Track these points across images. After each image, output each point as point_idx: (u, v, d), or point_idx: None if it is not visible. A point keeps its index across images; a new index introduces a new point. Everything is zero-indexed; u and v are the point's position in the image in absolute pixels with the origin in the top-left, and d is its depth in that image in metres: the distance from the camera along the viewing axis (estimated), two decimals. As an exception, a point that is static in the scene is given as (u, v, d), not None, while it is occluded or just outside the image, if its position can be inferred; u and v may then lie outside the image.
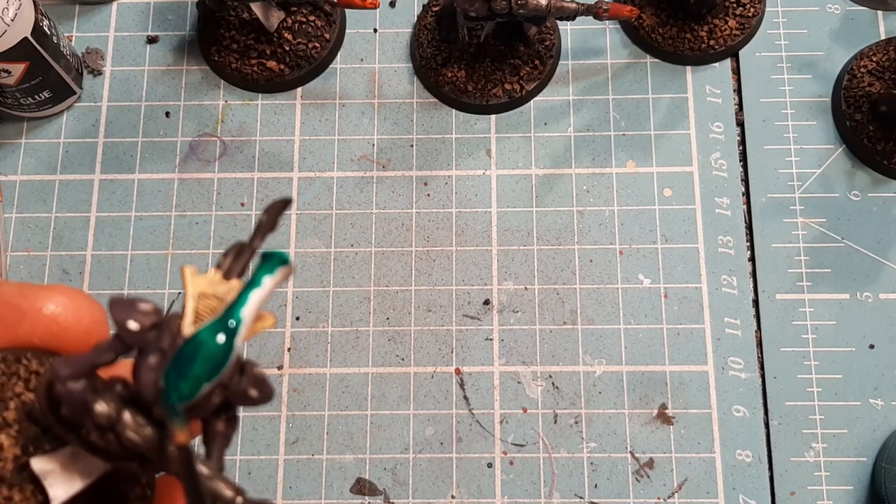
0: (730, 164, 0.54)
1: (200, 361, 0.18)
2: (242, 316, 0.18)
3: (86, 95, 0.56)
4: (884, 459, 0.47)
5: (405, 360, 0.51)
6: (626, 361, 0.50)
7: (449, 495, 0.49)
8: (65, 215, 0.54)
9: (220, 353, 0.18)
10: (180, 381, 0.18)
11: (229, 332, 0.18)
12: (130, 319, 0.19)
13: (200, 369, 0.18)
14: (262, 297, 0.19)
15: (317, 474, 0.49)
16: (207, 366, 0.18)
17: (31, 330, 0.21)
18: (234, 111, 0.56)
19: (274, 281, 0.19)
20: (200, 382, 0.18)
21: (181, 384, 0.18)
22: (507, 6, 0.48)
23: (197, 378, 0.18)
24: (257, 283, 0.19)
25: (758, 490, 0.48)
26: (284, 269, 0.19)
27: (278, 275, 0.19)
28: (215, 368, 0.18)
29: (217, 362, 0.18)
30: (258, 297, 0.19)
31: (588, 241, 0.52)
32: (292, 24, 0.55)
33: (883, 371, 0.50)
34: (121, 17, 0.58)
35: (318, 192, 0.54)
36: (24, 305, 0.21)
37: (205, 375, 0.18)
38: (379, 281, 0.52)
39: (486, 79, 0.54)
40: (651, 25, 0.55)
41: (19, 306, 0.21)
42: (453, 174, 0.54)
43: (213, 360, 0.18)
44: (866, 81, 0.53)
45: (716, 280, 0.51)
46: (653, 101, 0.55)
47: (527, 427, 0.50)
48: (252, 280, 0.19)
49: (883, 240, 0.52)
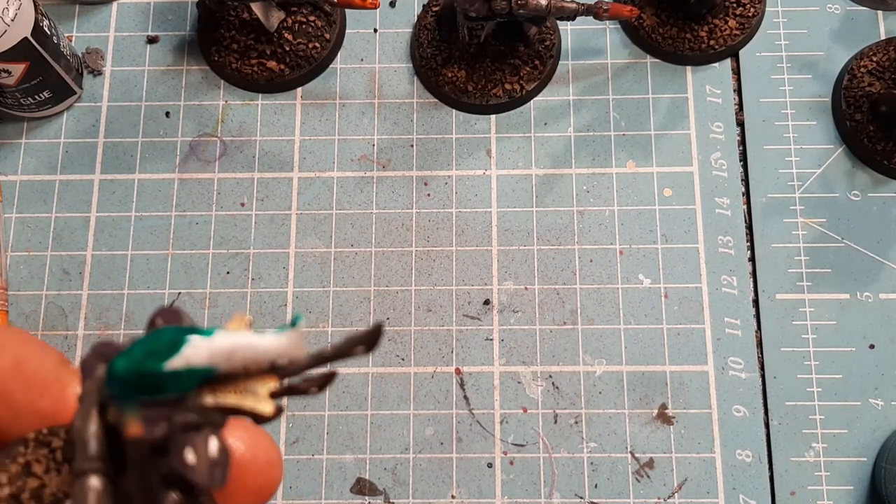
0: (730, 164, 0.54)
1: (147, 341, 0.17)
2: (214, 338, 0.17)
3: (86, 95, 0.56)
4: (884, 459, 0.47)
5: (405, 360, 0.51)
6: (626, 361, 0.50)
7: (449, 495, 0.49)
8: (65, 215, 0.54)
9: (169, 337, 0.17)
10: (120, 357, 0.17)
11: (197, 334, 0.17)
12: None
13: (141, 348, 0.17)
14: (257, 345, 0.17)
15: (317, 474, 0.49)
16: (150, 346, 0.17)
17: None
18: (234, 111, 0.56)
19: (279, 341, 0.18)
20: (137, 365, 0.17)
21: (119, 359, 0.17)
22: (507, 6, 0.48)
23: (135, 358, 0.17)
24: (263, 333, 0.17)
25: (758, 490, 0.48)
26: (290, 335, 0.18)
27: (284, 338, 0.18)
28: (156, 354, 0.17)
29: (161, 347, 0.17)
30: (253, 343, 0.17)
31: (588, 241, 0.52)
32: (292, 24, 0.55)
33: (883, 371, 0.50)
34: (121, 17, 0.58)
35: (318, 192, 0.54)
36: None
37: (142, 357, 0.17)
38: (379, 281, 0.52)
39: (486, 79, 0.54)
40: (651, 25, 0.55)
41: None
42: (453, 174, 0.54)
43: (159, 343, 0.17)
44: (866, 81, 0.53)
45: (716, 280, 0.51)
46: (653, 101, 0.55)
47: (527, 427, 0.50)
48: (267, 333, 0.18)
49: (883, 240, 0.52)
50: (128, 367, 0.17)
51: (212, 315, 0.52)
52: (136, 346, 0.17)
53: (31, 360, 0.20)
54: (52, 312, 0.52)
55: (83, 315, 0.52)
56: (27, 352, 0.20)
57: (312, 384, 0.19)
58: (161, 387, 0.17)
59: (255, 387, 0.18)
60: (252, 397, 0.18)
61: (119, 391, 0.17)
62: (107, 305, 0.52)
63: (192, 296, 0.52)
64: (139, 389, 0.17)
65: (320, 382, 0.19)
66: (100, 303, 0.52)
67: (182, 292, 0.52)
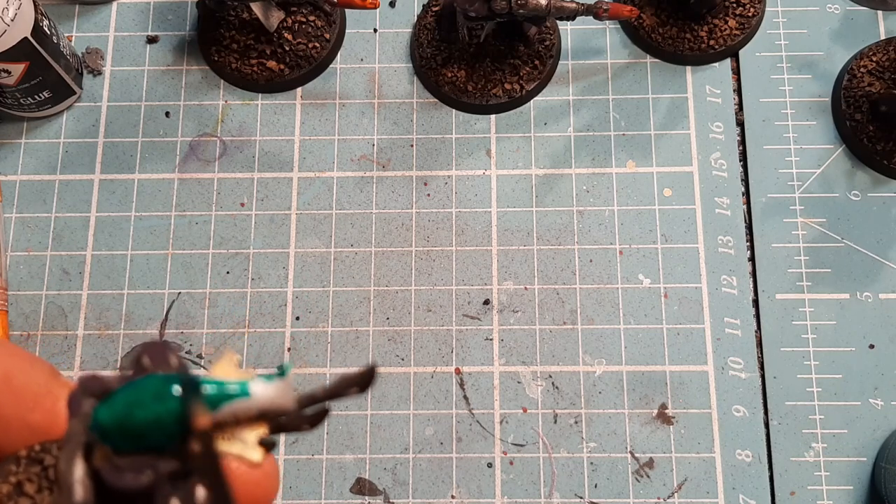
0: (730, 164, 0.54)
1: (131, 390, 0.16)
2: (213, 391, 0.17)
3: (86, 95, 0.56)
4: (884, 459, 0.47)
5: (405, 359, 0.51)
6: (626, 361, 0.50)
7: (449, 495, 0.49)
8: (65, 215, 0.54)
9: (154, 387, 0.16)
10: (103, 406, 0.16)
11: (180, 383, 0.16)
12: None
13: (124, 398, 0.16)
14: (252, 402, 0.17)
15: (317, 474, 0.49)
16: (134, 397, 0.16)
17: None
18: (234, 111, 0.56)
19: (268, 391, 0.17)
20: (121, 416, 0.16)
21: (102, 408, 0.16)
22: (507, 6, 0.48)
23: (118, 409, 0.16)
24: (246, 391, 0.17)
25: (758, 490, 0.48)
26: (279, 385, 0.18)
27: (273, 388, 0.17)
28: (141, 405, 0.16)
29: (145, 398, 0.16)
30: (249, 401, 0.17)
31: (588, 241, 0.52)
32: (292, 24, 0.55)
33: (883, 371, 0.50)
34: (121, 17, 0.58)
35: (318, 192, 0.54)
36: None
37: (126, 408, 0.16)
38: (379, 281, 0.52)
39: (486, 79, 0.54)
40: (651, 25, 0.55)
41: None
42: (453, 174, 0.54)
43: (143, 393, 0.16)
44: (866, 81, 0.53)
45: (716, 280, 0.51)
46: (653, 101, 0.55)
47: (527, 427, 0.50)
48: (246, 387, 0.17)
49: (883, 240, 0.52)
50: (111, 417, 0.16)
51: (211, 315, 0.52)
52: (120, 395, 0.17)
53: (21, 373, 0.20)
54: (51, 312, 0.52)
55: (83, 315, 0.52)
56: (15, 365, 0.20)
57: (304, 421, 0.18)
58: (146, 437, 0.17)
59: (244, 434, 0.18)
60: (240, 444, 0.18)
61: (104, 440, 0.17)
62: (107, 305, 0.52)
63: (192, 296, 0.52)
64: (125, 441, 0.17)
65: (312, 420, 0.19)
66: (100, 303, 0.52)
67: (182, 292, 0.52)
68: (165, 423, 0.17)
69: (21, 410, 0.19)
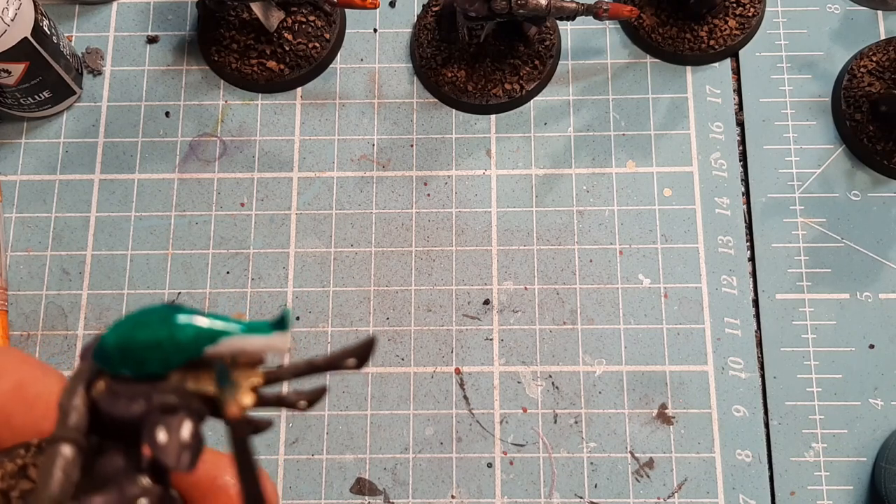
0: (730, 164, 0.54)
1: (138, 314, 0.17)
2: (204, 318, 0.17)
3: (86, 95, 0.56)
4: (884, 459, 0.47)
5: (405, 359, 0.51)
6: (626, 361, 0.50)
7: (449, 495, 0.49)
8: (65, 215, 0.54)
9: (160, 311, 0.17)
10: (111, 329, 0.17)
11: (187, 313, 0.17)
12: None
13: (131, 321, 0.17)
14: (247, 342, 0.17)
15: (317, 474, 0.49)
16: (140, 319, 0.17)
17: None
18: (234, 111, 0.56)
19: (262, 341, 0.18)
20: (126, 335, 0.17)
21: (110, 331, 0.17)
22: (507, 6, 0.48)
23: (124, 329, 0.17)
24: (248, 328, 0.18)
25: (758, 490, 0.48)
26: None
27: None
28: (146, 325, 0.17)
29: (151, 319, 0.17)
30: (247, 341, 0.17)
31: (588, 241, 0.52)
32: (292, 24, 0.55)
33: (883, 371, 0.50)
34: (121, 17, 0.58)
35: (318, 192, 0.54)
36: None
37: (132, 327, 0.17)
38: (379, 281, 0.52)
39: (486, 79, 0.54)
40: (651, 25, 0.55)
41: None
42: (453, 174, 0.54)
43: (149, 316, 0.17)
44: (866, 81, 0.53)
45: (716, 280, 0.51)
46: (653, 101, 0.55)
47: (527, 427, 0.50)
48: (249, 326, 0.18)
49: (883, 240, 0.52)
50: (115, 337, 0.17)
51: (212, 315, 0.52)
52: (127, 318, 0.17)
53: (33, 383, 0.20)
54: (51, 312, 0.52)
55: (83, 315, 0.52)
56: (28, 374, 0.20)
57: (302, 398, 0.19)
58: (146, 361, 0.17)
59: (239, 379, 0.18)
60: (234, 388, 0.18)
61: (106, 364, 0.17)
62: (107, 305, 0.52)
63: (191, 296, 0.52)
64: (126, 363, 0.17)
65: (310, 397, 0.19)
66: (100, 303, 0.52)
67: (182, 292, 0.52)
68: (165, 347, 0.17)
69: (33, 419, 0.20)
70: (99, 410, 0.18)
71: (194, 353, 0.17)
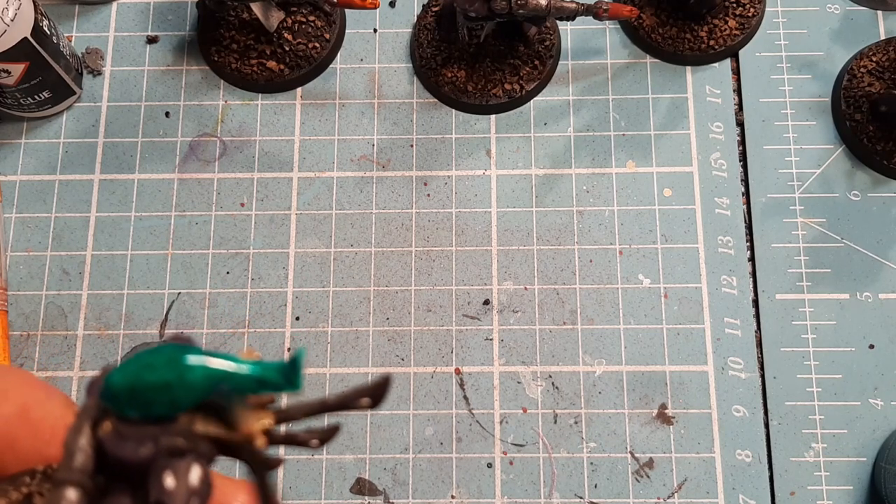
0: (730, 164, 0.54)
1: (146, 355, 0.17)
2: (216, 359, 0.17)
3: (86, 95, 0.56)
4: (884, 459, 0.47)
5: (405, 360, 0.51)
6: (626, 361, 0.50)
7: (449, 495, 0.49)
8: (65, 215, 0.54)
9: (167, 353, 0.17)
10: (117, 369, 0.17)
11: (197, 354, 0.17)
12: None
13: (138, 362, 0.17)
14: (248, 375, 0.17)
15: (317, 474, 0.49)
16: (147, 360, 0.17)
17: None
18: (234, 111, 0.56)
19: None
20: (133, 377, 0.16)
21: (116, 371, 0.17)
22: (507, 6, 0.48)
23: (131, 370, 0.16)
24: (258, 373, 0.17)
25: (758, 490, 0.48)
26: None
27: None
28: (153, 368, 0.16)
29: (159, 361, 0.16)
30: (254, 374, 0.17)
31: (588, 241, 0.52)
32: (292, 24, 0.55)
33: (883, 371, 0.50)
34: (121, 17, 0.58)
35: (318, 192, 0.54)
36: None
37: (139, 369, 0.16)
38: (379, 281, 0.52)
39: (486, 79, 0.54)
40: (651, 25, 0.55)
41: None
42: (453, 174, 0.54)
43: (157, 357, 0.17)
44: (866, 81, 0.53)
45: (716, 280, 0.51)
46: (653, 101, 0.55)
47: (527, 427, 0.50)
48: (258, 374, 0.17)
49: (883, 240, 0.52)
50: (122, 379, 0.17)
51: (211, 315, 0.52)
52: (134, 359, 0.17)
53: (38, 405, 0.19)
54: (51, 312, 0.52)
55: (83, 315, 0.52)
56: (33, 397, 0.19)
57: (314, 436, 0.18)
58: (154, 403, 0.17)
59: (250, 420, 0.18)
60: (244, 429, 0.18)
61: (113, 404, 0.17)
62: (106, 305, 0.52)
63: (191, 296, 0.52)
64: (133, 405, 0.17)
65: (322, 436, 0.18)
66: (99, 303, 0.52)
67: (182, 292, 0.52)
68: (174, 390, 0.17)
69: (38, 444, 0.19)
70: (105, 451, 0.17)
71: (203, 395, 0.17)
